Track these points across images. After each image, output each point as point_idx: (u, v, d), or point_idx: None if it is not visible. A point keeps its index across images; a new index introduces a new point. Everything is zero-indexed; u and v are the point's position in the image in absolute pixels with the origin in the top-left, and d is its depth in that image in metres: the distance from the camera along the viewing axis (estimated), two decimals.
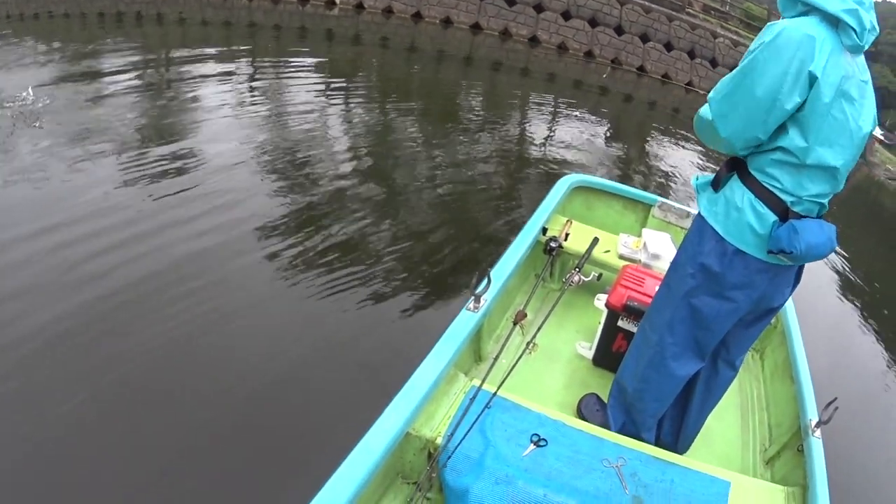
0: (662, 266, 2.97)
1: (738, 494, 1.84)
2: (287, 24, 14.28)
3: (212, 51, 10.21)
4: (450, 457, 1.72)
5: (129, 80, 7.50)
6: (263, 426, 2.59)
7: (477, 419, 1.82)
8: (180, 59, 9.64)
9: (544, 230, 3.04)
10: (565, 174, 3.78)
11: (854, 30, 1.58)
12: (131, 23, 13.76)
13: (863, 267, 7.32)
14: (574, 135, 8.87)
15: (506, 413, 1.93)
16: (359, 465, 1.52)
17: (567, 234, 3.09)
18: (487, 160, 6.61)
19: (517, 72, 13.47)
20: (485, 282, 2.19)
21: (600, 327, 2.58)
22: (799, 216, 1.67)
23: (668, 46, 16.58)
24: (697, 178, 1.89)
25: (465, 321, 2.11)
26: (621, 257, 3.06)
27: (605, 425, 2.11)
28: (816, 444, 2.01)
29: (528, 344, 2.36)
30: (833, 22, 1.58)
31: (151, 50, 10.17)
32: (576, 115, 10.17)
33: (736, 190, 1.72)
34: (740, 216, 1.70)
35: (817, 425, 2.06)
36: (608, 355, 2.59)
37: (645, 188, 5.65)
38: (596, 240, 3.02)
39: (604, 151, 8.35)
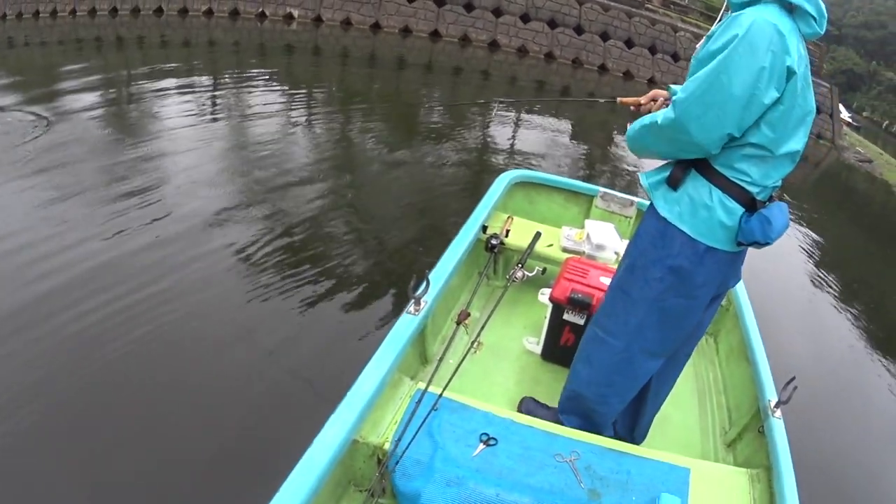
0: (607, 256, 3.00)
1: (700, 480, 1.82)
2: (246, 41, 14.32)
3: (171, 69, 10.28)
4: (399, 461, 1.71)
5: (90, 102, 7.54)
6: (205, 442, 2.55)
7: (424, 422, 1.80)
8: (141, 79, 9.67)
9: (484, 228, 3.02)
10: None
11: (814, 17, 1.60)
12: (90, 47, 13.75)
13: (822, 248, 7.43)
14: (535, 136, 8.97)
15: (453, 414, 1.90)
16: (306, 476, 1.50)
17: (508, 231, 3.06)
18: (442, 164, 6.67)
19: (478, 76, 13.56)
20: (423, 284, 2.17)
21: (546, 321, 2.56)
22: (763, 204, 1.67)
23: (629, 43, 16.77)
24: (648, 177, 1.81)
25: (405, 325, 2.08)
26: (565, 250, 3.04)
27: (556, 421, 2.08)
28: (777, 424, 2.00)
29: (473, 343, 2.35)
30: (789, 9, 1.59)
31: (112, 72, 10.20)
32: (537, 117, 10.27)
33: (700, 188, 1.68)
34: (710, 214, 1.67)
35: (777, 405, 2.04)
36: (556, 349, 2.58)
37: (599, 182, 5.72)
38: (538, 234, 3.03)
39: (565, 151, 8.42)
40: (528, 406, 2.29)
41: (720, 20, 1.70)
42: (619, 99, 2.07)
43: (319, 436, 1.61)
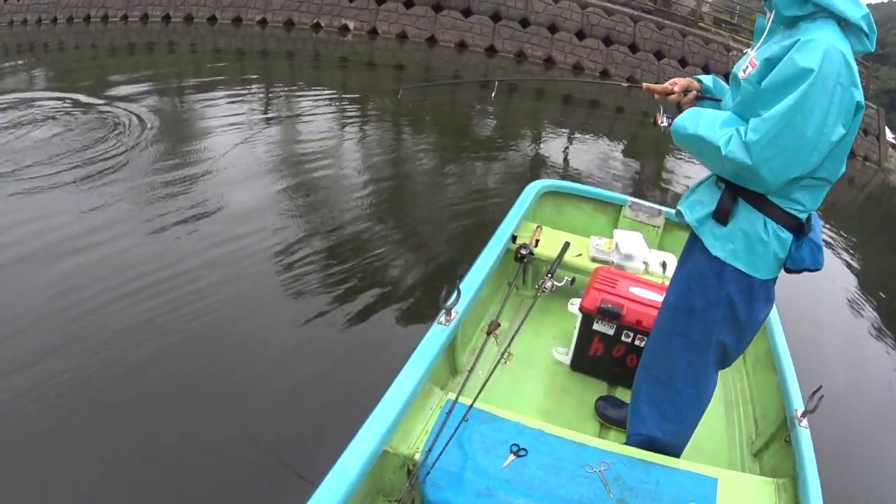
0: (636, 266, 3.05)
1: (727, 490, 1.83)
2: (300, 51, 14.29)
3: (224, 79, 10.34)
4: (429, 472, 1.73)
5: (141, 108, 7.61)
6: (239, 447, 2.57)
7: (454, 433, 1.82)
8: (193, 87, 9.82)
9: (514, 238, 3.05)
10: None
11: (866, 35, 1.54)
12: (143, 52, 13.79)
13: (863, 270, 7.31)
14: (588, 153, 8.82)
15: (483, 424, 1.93)
16: (337, 486, 1.52)
17: (537, 241, 3.11)
18: (486, 174, 6.65)
19: (532, 93, 13.39)
20: (454, 295, 2.20)
21: (576, 332, 2.58)
22: (809, 226, 1.65)
23: (683, 62, 16.52)
24: (692, 211, 1.75)
25: (436, 335, 2.12)
26: (594, 260, 3.09)
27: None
28: (804, 433, 2.00)
29: (503, 353, 2.38)
30: (844, 25, 1.52)
31: (163, 79, 10.27)
32: (590, 136, 10.14)
33: (754, 221, 1.62)
34: (766, 249, 1.63)
35: (803, 414, 2.05)
36: (585, 359, 2.60)
37: (628, 191, 5.62)
38: (567, 244, 3.06)
39: (619, 168, 8.26)
40: (605, 406, 2.37)
41: (768, 32, 1.64)
42: (645, 84, 2.01)
43: (350, 446, 1.64)
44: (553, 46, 15.54)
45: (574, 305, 2.59)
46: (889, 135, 27.85)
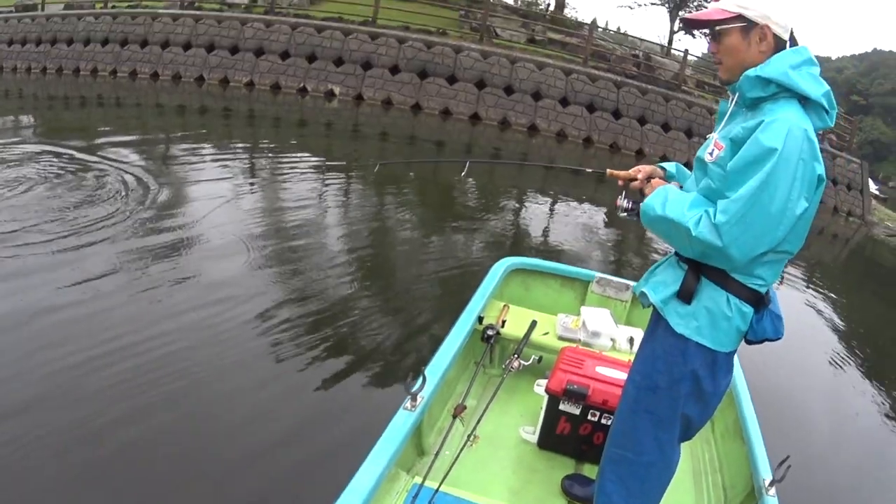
0: (602, 343, 3.08)
1: None
2: (286, 115, 14.40)
3: (210, 140, 10.42)
4: None
5: (125, 167, 7.66)
6: None
7: None
8: (178, 147, 9.86)
9: (480, 319, 3.05)
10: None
11: (826, 111, 1.63)
12: (131, 109, 13.86)
13: (846, 326, 7.34)
14: (568, 224, 8.85)
15: None
16: None
17: (504, 321, 3.12)
18: (467, 253, 6.63)
19: (516, 160, 13.51)
20: (420, 380, 2.22)
21: (542, 412, 2.60)
22: (768, 297, 1.73)
23: (666, 127, 16.78)
24: (656, 292, 1.79)
25: (402, 421, 2.13)
26: (561, 338, 3.09)
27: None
28: (772, 502, 2.03)
29: (469, 435, 2.38)
30: (805, 103, 1.61)
31: (149, 136, 10.41)
32: (573, 203, 10.19)
33: (717, 298, 1.68)
34: (730, 324, 1.68)
35: (771, 484, 2.07)
36: (552, 437, 2.61)
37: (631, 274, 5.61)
38: (534, 323, 3.09)
39: (599, 239, 8.31)
40: (571, 485, 2.40)
41: (731, 115, 1.72)
42: (608, 171, 2.05)
43: None
44: (537, 114, 15.75)
45: (540, 386, 2.61)
46: (872, 186, 28.21)
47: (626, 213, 1.90)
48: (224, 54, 16.50)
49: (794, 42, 1.69)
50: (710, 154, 1.69)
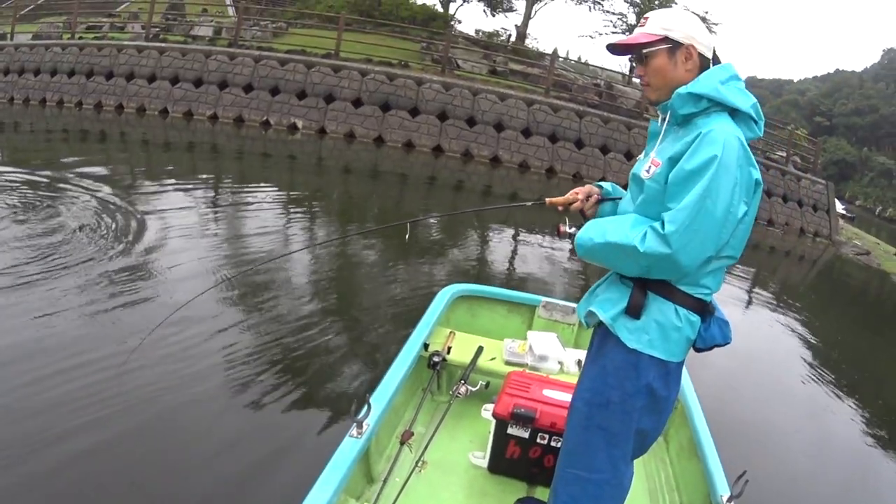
0: (549, 367, 3.09)
1: None
2: (249, 149, 14.45)
3: (173, 173, 10.39)
4: None
5: (86, 198, 7.66)
6: None
7: None
8: (142, 179, 9.84)
9: (426, 346, 3.07)
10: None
11: (755, 121, 1.73)
12: (95, 140, 13.85)
13: (816, 346, 7.46)
14: (532, 253, 8.95)
15: None
16: None
17: (449, 348, 3.12)
18: (426, 281, 6.68)
19: (478, 193, 13.64)
20: (364, 409, 2.22)
21: (491, 436, 2.60)
22: (712, 305, 1.80)
23: (628, 155, 17.02)
24: (604, 310, 1.81)
25: (348, 448, 2.12)
26: (507, 363, 3.11)
27: None
28: None
29: (418, 461, 2.39)
30: (734, 115, 1.70)
31: (113, 168, 10.38)
32: (535, 234, 10.30)
33: (666, 311, 1.73)
34: (680, 334, 1.73)
35: (729, 500, 2.08)
36: (502, 462, 2.61)
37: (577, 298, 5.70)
38: (480, 348, 3.10)
39: (561, 270, 8.42)
40: None
41: (664, 134, 1.79)
42: (547, 200, 2.11)
43: None
44: (499, 145, 15.94)
45: (488, 411, 2.61)
46: (839, 206, 28.74)
47: (570, 238, 1.94)
48: (188, 87, 16.55)
49: (716, 59, 1.79)
50: (647, 171, 1.76)
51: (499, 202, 12.76)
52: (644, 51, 1.76)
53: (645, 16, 1.83)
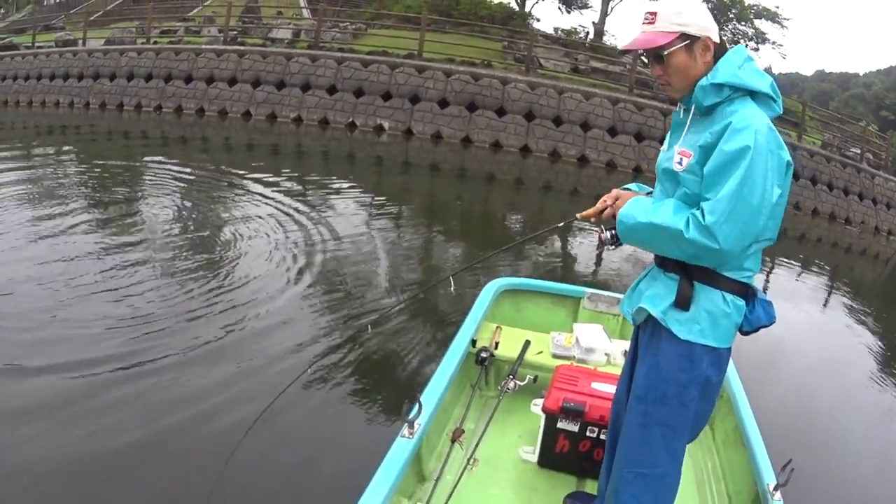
0: (597, 359, 3.12)
1: None
2: (335, 151, 14.43)
3: (256, 175, 10.35)
4: None
5: (167, 198, 7.94)
6: None
7: None
8: (224, 181, 9.88)
9: (473, 342, 3.09)
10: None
11: (774, 100, 1.73)
12: (177, 144, 13.94)
13: (885, 344, 7.25)
14: (562, 246, 8.80)
15: None
16: None
17: (497, 343, 3.15)
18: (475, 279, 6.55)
19: (566, 194, 13.41)
20: (416, 408, 2.24)
21: (540, 431, 2.62)
22: (754, 287, 1.81)
23: None
24: (654, 305, 1.82)
25: (400, 448, 2.15)
26: (555, 356, 3.12)
27: None
28: None
29: (468, 459, 2.41)
30: (754, 97, 1.71)
31: (195, 171, 10.47)
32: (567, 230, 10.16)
33: (715, 299, 1.75)
34: (729, 320, 1.76)
35: (776, 488, 2.09)
36: (552, 456, 2.63)
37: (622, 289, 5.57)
38: (527, 343, 3.12)
39: (587, 258, 8.37)
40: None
41: (689, 128, 1.80)
42: (578, 215, 2.12)
43: None
44: (586, 144, 15.70)
45: (537, 406, 2.64)
46: None
47: (612, 245, 1.96)
48: (270, 89, 16.64)
49: (722, 42, 1.78)
50: (680, 163, 1.76)
51: (586, 204, 12.50)
52: (665, 52, 1.73)
53: (650, 11, 1.77)
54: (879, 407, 5.21)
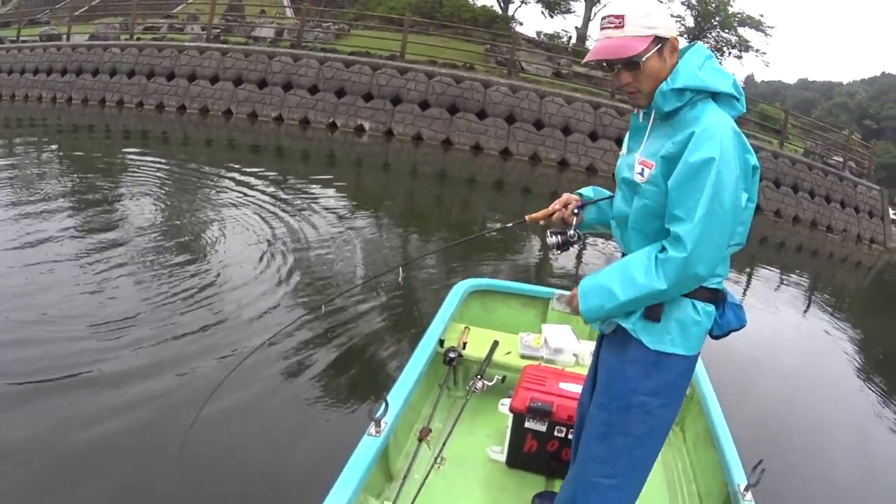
0: (565, 360, 3.12)
1: None
2: (315, 151, 14.41)
3: (235, 173, 10.33)
4: None
5: (147, 195, 7.93)
6: None
7: None
8: (205, 179, 9.88)
9: (441, 342, 3.08)
10: None
11: (736, 98, 1.66)
12: (157, 140, 13.88)
13: (859, 342, 7.41)
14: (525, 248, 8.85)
15: None
16: None
17: (465, 343, 3.15)
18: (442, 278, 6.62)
19: (546, 196, 13.44)
20: (382, 406, 2.23)
21: (508, 431, 2.62)
22: (724, 291, 1.76)
23: None
24: (626, 317, 1.72)
25: (367, 447, 2.14)
26: (523, 357, 3.13)
27: None
28: None
29: (436, 458, 2.41)
30: (716, 98, 1.65)
31: (176, 166, 10.45)
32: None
33: (685, 307, 1.69)
34: (699, 327, 1.71)
35: (746, 489, 2.09)
36: (520, 456, 2.63)
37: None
38: (496, 343, 3.13)
39: (554, 259, 8.33)
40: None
41: (649, 134, 1.71)
42: (527, 217, 2.07)
43: None
44: (567, 148, 15.76)
45: (504, 406, 2.63)
46: (892, 213, 28.13)
47: (558, 249, 1.94)
48: (252, 88, 16.62)
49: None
50: (641, 174, 1.69)
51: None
52: (643, 59, 1.62)
53: (615, 14, 1.63)
54: (855, 410, 5.27)
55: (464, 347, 3.11)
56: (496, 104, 15.77)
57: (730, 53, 26.36)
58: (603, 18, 1.67)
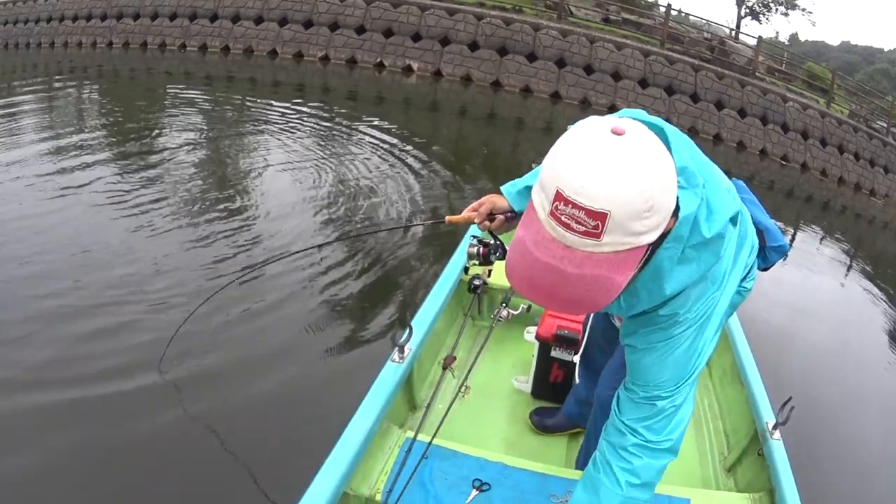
0: None
1: None
2: (363, 91, 14.22)
3: (279, 110, 10.28)
4: None
5: (191, 136, 7.95)
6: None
7: (415, 471, 1.82)
8: (246, 117, 9.86)
9: (466, 269, 3.00)
10: None
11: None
12: (200, 81, 13.76)
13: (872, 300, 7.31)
14: None
15: (444, 461, 1.93)
16: None
17: (490, 271, 3.06)
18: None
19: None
20: (406, 332, 2.20)
21: (534, 360, 2.60)
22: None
23: (742, 112, 16.41)
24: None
25: (390, 373, 2.10)
26: None
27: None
28: (777, 445, 1.99)
29: (461, 387, 2.39)
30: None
31: (218, 108, 10.40)
32: None
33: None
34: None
35: (775, 427, 2.04)
36: (546, 386, 2.60)
37: None
38: None
39: None
40: (540, 420, 2.41)
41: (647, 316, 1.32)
42: (447, 218, 1.92)
43: (309, 490, 1.61)
44: (617, 94, 15.46)
45: (530, 334, 2.60)
46: None
47: (476, 260, 1.74)
48: (297, 28, 16.41)
49: None
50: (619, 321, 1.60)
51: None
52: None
53: (589, 210, 0.88)
54: (889, 361, 5.18)
55: (489, 275, 3.03)
56: (546, 47, 15.48)
57: (776, 10, 25.67)
58: (560, 200, 0.90)
